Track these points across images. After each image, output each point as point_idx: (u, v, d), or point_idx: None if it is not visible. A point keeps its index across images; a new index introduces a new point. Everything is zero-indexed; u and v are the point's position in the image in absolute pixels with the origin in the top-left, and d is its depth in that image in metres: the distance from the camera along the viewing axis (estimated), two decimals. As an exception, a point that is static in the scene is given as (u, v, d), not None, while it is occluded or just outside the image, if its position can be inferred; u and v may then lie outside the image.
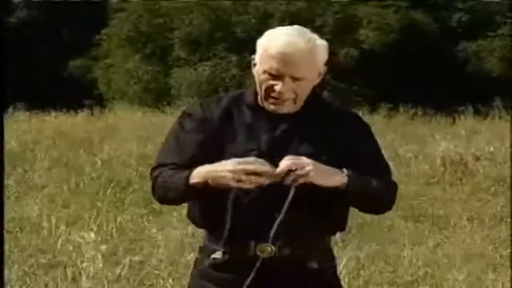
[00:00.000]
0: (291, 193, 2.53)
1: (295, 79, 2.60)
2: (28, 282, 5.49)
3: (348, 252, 6.25)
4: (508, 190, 8.88)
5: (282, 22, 19.81)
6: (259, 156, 2.57)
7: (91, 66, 25.75)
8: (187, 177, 2.57)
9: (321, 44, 2.67)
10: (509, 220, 7.68)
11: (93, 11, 24.88)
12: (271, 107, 2.65)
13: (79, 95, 21.56)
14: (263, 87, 2.64)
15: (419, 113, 16.23)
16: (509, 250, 6.55)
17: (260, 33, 2.72)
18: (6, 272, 5.05)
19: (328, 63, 2.71)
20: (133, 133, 12.51)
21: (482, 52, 20.72)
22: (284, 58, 2.58)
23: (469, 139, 12.11)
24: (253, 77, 2.72)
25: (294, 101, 2.65)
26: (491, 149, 10.98)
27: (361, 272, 5.85)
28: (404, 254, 6.45)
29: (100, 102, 21.57)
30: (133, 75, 23.10)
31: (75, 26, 25.83)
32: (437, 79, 19.56)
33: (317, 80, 2.69)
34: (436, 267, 6.08)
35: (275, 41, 2.61)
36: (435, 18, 21.42)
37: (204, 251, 2.74)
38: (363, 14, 20.68)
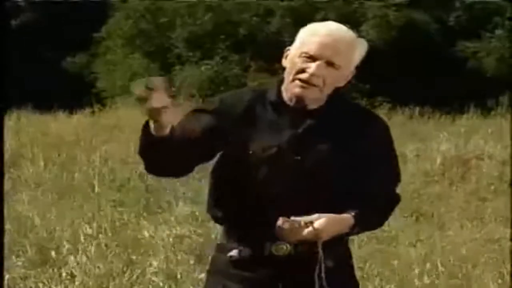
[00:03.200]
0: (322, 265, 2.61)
1: (329, 64, 2.59)
2: (27, 280, 5.49)
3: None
4: (509, 189, 8.85)
5: (283, 19, 19.79)
6: (279, 151, 2.60)
7: (91, 64, 25.73)
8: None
9: (363, 44, 2.71)
10: (509, 219, 7.65)
11: (92, 9, 24.88)
12: (296, 90, 2.62)
13: (79, 93, 21.53)
14: (294, 70, 2.62)
15: (419, 111, 16.19)
16: (509, 250, 6.53)
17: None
18: (5, 270, 5.05)
19: (358, 67, 2.71)
20: (133, 131, 12.47)
21: (482, 52, 20.69)
22: (327, 42, 2.60)
23: (469, 138, 12.07)
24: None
25: (320, 90, 2.62)
26: (492, 147, 10.94)
27: (360, 270, 5.83)
28: (404, 253, 6.44)
29: (100, 100, 21.52)
30: (135, 72, 23.07)
31: (75, 24, 25.79)
32: (437, 78, 19.54)
33: (345, 79, 2.69)
34: (436, 265, 6.06)
35: (322, 28, 2.64)
36: (434, 17, 21.42)
37: (221, 248, 2.75)
38: (364, 10, 20.65)
